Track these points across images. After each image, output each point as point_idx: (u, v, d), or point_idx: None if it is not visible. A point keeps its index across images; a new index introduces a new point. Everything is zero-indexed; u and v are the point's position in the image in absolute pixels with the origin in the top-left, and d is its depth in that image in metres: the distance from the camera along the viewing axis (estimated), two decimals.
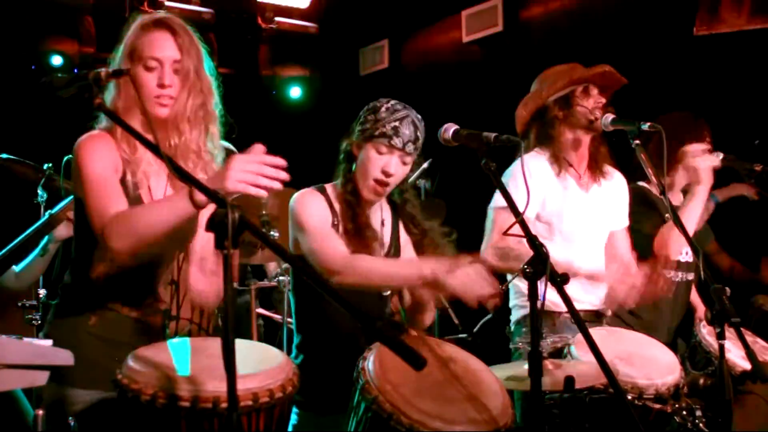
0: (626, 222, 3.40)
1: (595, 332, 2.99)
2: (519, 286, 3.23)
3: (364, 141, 2.69)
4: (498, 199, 3.13)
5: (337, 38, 7.09)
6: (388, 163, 2.64)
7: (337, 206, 2.71)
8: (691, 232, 3.29)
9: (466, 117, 2.78)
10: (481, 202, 3.38)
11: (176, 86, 2.32)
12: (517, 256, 2.87)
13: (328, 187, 2.77)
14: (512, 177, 3.09)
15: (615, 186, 3.37)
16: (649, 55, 5.02)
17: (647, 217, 3.49)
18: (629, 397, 2.63)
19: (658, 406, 2.67)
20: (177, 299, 2.38)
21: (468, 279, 2.36)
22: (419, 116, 2.72)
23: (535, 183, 2.96)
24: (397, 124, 2.64)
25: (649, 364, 2.84)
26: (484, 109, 4.76)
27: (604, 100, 3.21)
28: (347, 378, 2.27)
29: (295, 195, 2.71)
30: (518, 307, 3.27)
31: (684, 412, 2.67)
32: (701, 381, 2.97)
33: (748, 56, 4.64)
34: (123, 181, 2.26)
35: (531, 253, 2.14)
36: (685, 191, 3.54)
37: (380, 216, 2.81)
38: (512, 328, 3.30)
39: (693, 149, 3.46)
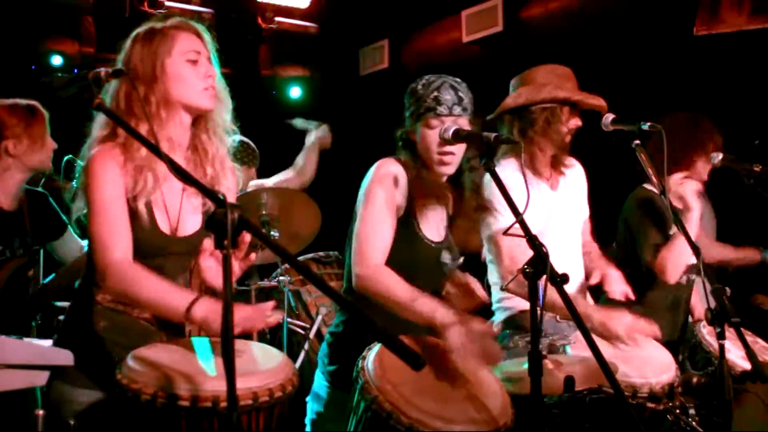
0: (587, 211, 3.38)
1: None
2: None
3: (414, 124, 2.66)
4: (494, 222, 3.01)
5: (337, 38, 7.09)
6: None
7: (412, 180, 2.66)
8: (686, 259, 3.33)
9: None
10: None
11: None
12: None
13: (404, 160, 2.70)
14: (495, 198, 3.06)
15: (575, 176, 3.35)
16: (649, 55, 5.03)
17: (650, 235, 3.48)
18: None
19: (651, 404, 2.68)
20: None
21: (467, 346, 2.33)
22: (458, 79, 2.70)
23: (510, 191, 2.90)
24: (436, 93, 2.62)
25: (644, 363, 2.85)
26: (484, 109, 4.76)
27: (580, 124, 3.17)
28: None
29: (379, 162, 2.66)
30: (501, 310, 3.25)
31: (677, 411, 2.68)
32: (694, 380, 2.97)
33: (748, 56, 4.65)
34: (134, 204, 2.24)
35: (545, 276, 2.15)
36: None
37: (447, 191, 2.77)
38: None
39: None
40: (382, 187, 2.59)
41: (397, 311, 2.42)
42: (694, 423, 2.68)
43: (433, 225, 2.73)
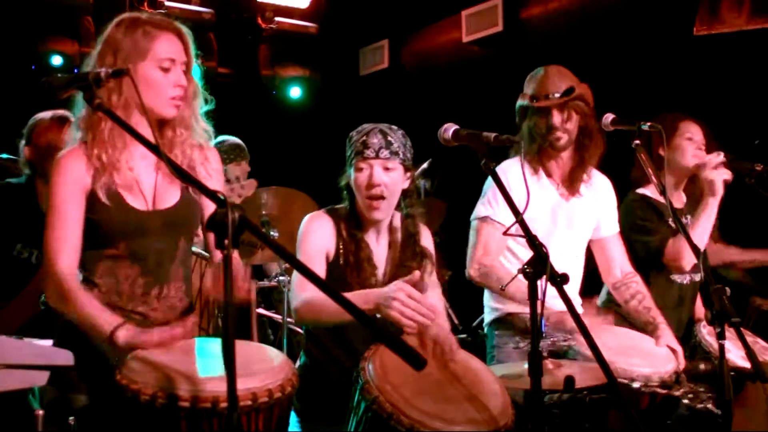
0: (616, 228, 3.38)
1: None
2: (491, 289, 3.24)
3: (348, 170, 2.74)
4: (480, 210, 3.14)
5: (337, 38, 7.09)
6: (369, 175, 2.66)
7: (344, 231, 2.73)
8: (704, 242, 3.34)
9: (466, 117, 2.78)
10: None
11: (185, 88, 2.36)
12: (497, 280, 2.97)
13: (340, 209, 2.78)
14: (491, 189, 3.10)
15: (599, 192, 3.33)
16: (649, 55, 5.03)
17: (654, 229, 3.48)
18: (637, 385, 2.75)
19: (665, 391, 2.78)
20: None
21: (404, 310, 2.30)
22: (393, 126, 2.75)
23: (512, 190, 2.63)
24: (364, 138, 2.69)
25: (648, 355, 2.93)
26: (484, 109, 4.77)
27: (559, 121, 3.13)
28: (348, 389, 2.28)
29: (307, 216, 2.76)
30: (491, 310, 3.27)
31: (690, 395, 2.78)
32: (702, 367, 3.04)
33: (748, 56, 4.65)
34: (93, 192, 2.26)
35: (510, 275, 2.16)
36: (693, 200, 3.59)
37: (385, 240, 2.78)
38: (485, 330, 3.32)
39: (710, 161, 3.44)
40: (309, 238, 2.68)
41: (337, 320, 2.38)
42: (710, 406, 2.75)
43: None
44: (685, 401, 2.78)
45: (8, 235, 3.24)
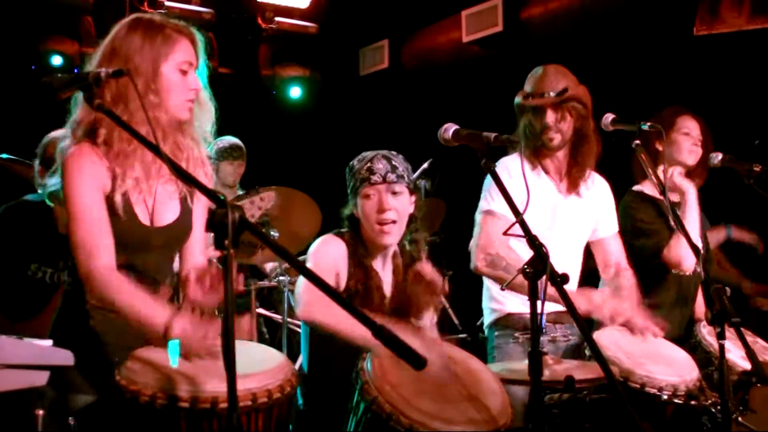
0: (615, 228, 3.38)
1: (609, 332, 3.01)
2: (491, 290, 3.24)
3: (354, 199, 2.76)
4: (483, 204, 3.14)
5: (337, 38, 7.09)
6: (379, 201, 2.70)
7: (353, 257, 2.75)
8: (694, 235, 3.32)
9: (466, 117, 2.79)
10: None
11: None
12: (505, 267, 2.96)
13: (347, 233, 2.78)
14: (493, 184, 3.10)
15: (597, 193, 3.34)
16: (649, 55, 5.03)
17: (653, 230, 3.49)
18: (665, 397, 2.70)
19: (694, 402, 2.73)
20: (178, 300, 2.40)
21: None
22: (393, 152, 2.79)
23: (512, 185, 2.66)
24: (369, 164, 2.72)
25: (671, 361, 2.89)
26: (484, 109, 4.77)
27: (552, 120, 3.13)
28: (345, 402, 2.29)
29: (319, 239, 2.78)
30: (490, 311, 3.27)
31: (718, 406, 2.70)
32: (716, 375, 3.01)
33: (748, 56, 4.65)
34: (111, 198, 2.24)
35: (519, 264, 2.17)
36: None
37: (389, 266, 2.82)
38: (485, 332, 3.32)
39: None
40: (320, 255, 2.71)
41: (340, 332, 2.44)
42: (740, 418, 2.73)
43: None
44: (714, 410, 2.72)
45: (24, 254, 3.22)
